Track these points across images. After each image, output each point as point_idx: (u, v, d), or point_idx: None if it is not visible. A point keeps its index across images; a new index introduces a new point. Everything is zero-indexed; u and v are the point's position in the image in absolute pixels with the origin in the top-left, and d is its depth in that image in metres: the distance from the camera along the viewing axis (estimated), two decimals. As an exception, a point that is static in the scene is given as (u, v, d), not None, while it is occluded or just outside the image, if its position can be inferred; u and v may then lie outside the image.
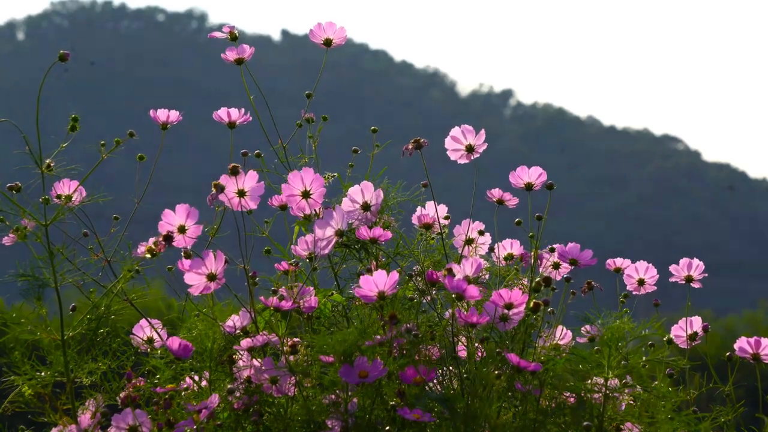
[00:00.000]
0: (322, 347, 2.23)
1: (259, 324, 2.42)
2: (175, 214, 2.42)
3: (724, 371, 2.49)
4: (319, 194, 2.43)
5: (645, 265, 2.58)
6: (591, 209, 65.68)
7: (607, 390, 2.30)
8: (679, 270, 2.57)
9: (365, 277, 2.29)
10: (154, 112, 2.58)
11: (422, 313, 2.41)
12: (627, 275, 2.57)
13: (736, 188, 69.25)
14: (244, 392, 2.30)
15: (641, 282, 2.56)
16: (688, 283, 2.57)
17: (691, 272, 2.57)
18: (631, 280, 2.56)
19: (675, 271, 2.57)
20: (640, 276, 2.57)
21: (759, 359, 2.48)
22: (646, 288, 2.56)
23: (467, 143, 2.51)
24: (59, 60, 2.37)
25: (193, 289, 2.37)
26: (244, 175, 2.41)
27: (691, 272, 2.57)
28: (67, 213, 2.43)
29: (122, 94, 70.68)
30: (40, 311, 2.41)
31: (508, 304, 2.30)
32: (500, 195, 2.56)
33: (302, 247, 2.45)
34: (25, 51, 76.51)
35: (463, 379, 2.30)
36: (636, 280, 2.57)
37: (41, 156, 2.38)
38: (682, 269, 2.57)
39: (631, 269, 2.57)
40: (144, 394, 2.35)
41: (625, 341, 2.30)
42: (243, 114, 2.56)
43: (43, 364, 2.43)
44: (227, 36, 2.59)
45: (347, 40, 2.69)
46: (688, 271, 2.57)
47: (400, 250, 2.54)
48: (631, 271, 2.57)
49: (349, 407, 2.23)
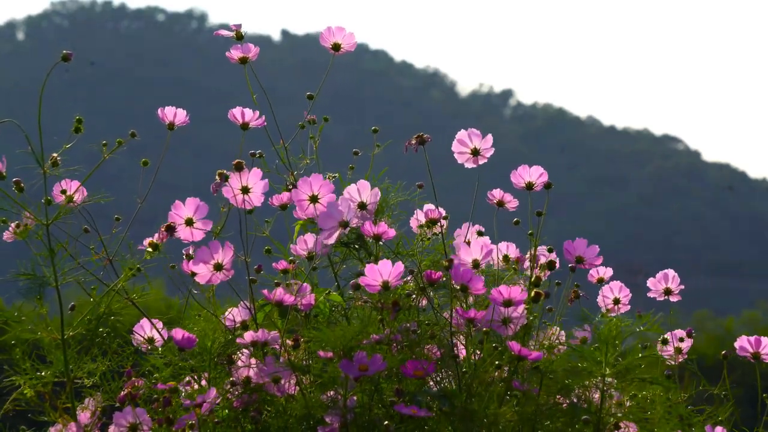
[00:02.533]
0: (322, 342, 2.24)
1: (258, 319, 2.43)
2: (184, 207, 2.45)
3: (721, 372, 2.50)
4: (327, 200, 2.44)
5: (619, 284, 2.55)
6: (591, 209, 65.63)
7: (604, 386, 2.30)
8: (656, 284, 2.56)
9: (370, 265, 2.30)
10: (162, 110, 2.58)
11: (422, 312, 2.42)
12: (603, 295, 2.55)
13: (736, 188, 69.22)
14: (243, 390, 2.30)
15: (617, 301, 2.55)
16: (667, 296, 2.56)
17: (668, 284, 2.56)
18: (606, 300, 2.55)
19: (653, 285, 2.56)
20: (615, 295, 2.55)
21: (759, 358, 2.48)
22: (621, 309, 2.54)
23: (473, 147, 2.51)
24: (62, 60, 2.37)
25: (199, 278, 2.39)
26: (248, 172, 2.44)
27: (668, 284, 2.56)
28: (68, 212, 2.43)
29: (122, 94, 70.64)
30: (41, 310, 2.41)
31: (508, 300, 2.29)
32: (501, 196, 2.56)
33: (302, 246, 2.45)
34: (25, 51, 76.47)
35: (461, 375, 2.30)
36: (612, 299, 2.55)
37: (43, 156, 2.39)
38: (660, 282, 2.56)
39: (606, 289, 2.55)
40: (143, 393, 2.36)
41: (621, 337, 2.30)
42: (257, 117, 2.54)
43: (44, 363, 2.44)
44: (233, 35, 2.59)
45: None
46: (666, 283, 2.56)
47: (400, 250, 2.54)
48: (606, 291, 2.55)
49: (348, 403, 2.23)
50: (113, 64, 74.79)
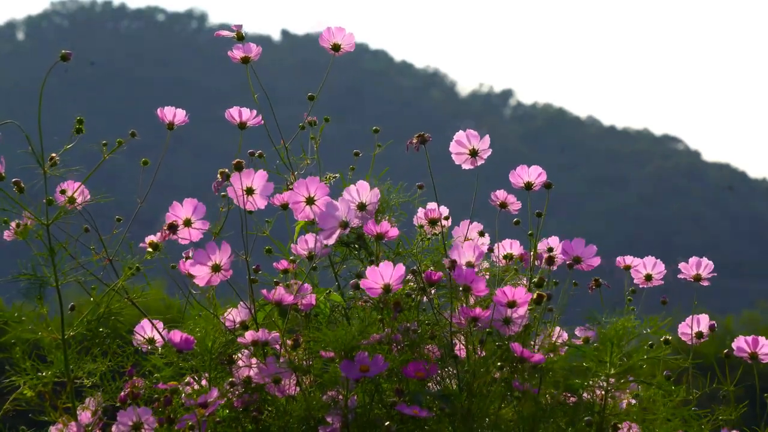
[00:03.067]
0: (324, 342, 2.24)
1: (258, 318, 2.43)
2: (182, 207, 2.46)
3: (721, 371, 2.50)
4: (324, 202, 2.44)
5: (653, 260, 2.58)
6: (591, 209, 65.62)
7: (608, 386, 2.30)
8: (688, 268, 2.58)
9: (371, 268, 2.30)
10: (162, 110, 2.58)
11: (422, 312, 2.42)
12: (635, 270, 2.57)
13: (736, 188, 69.21)
14: (244, 390, 2.30)
15: (648, 277, 2.57)
16: (696, 281, 2.57)
17: (699, 271, 2.58)
18: (638, 275, 2.57)
19: (684, 269, 2.57)
20: (647, 271, 2.58)
21: (757, 358, 2.48)
22: (653, 282, 2.57)
23: (471, 147, 2.51)
24: (61, 59, 2.37)
25: (198, 280, 2.39)
26: (254, 173, 2.44)
27: (699, 271, 2.58)
28: (68, 213, 2.43)
29: (122, 94, 70.63)
30: (41, 310, 2.41)
31: (512, 302, 2.29)
32: (504, 197, 2.56)
33: (302, 246, 2.45)
34: (25, 51, 76.45)
35: (462, 376, 2.30)
36: (644, 275, 2.57)
37: (43, 156, 2.39)
38: (692, 268, 2.58)
39: (639, 265, 2.58)
40: (144, 393, 2.36)
41: (627, 338, 2.30)
42: (254, 116, 2.55)
43: (44, 363, 2.44)
44: (234, 35, 2.59)
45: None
46: (697, 270, 2.58)
47: (401, 250, 2.54)
48: (640, 266, 2.58)
49: (349, 403, 2.23)
50: (113, 64, 74.79)
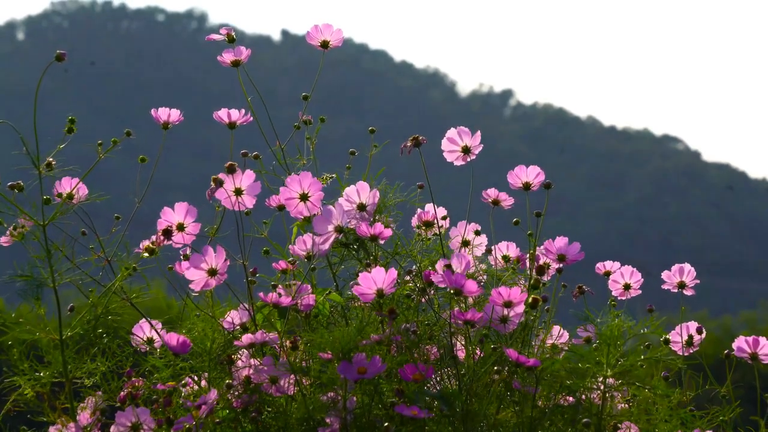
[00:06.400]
0: (321, 344, 2.24)
1: (258, 320, 2.42)
2: (174, 212, 2.44)
3: (720, 372, 2.49)
4: (317, 198, 2.43)
5: (630, 269, 2.55)
6: (590, 209, 65.65)
7: (605, 387, 2.30)
8: (671, 276, 2.56)
9: (364, 274, 2.30)
10: (156, 111, 2.58)
11: (421, 312, 2.42)
12: (612, 280, 2.55)
13: (736, 188, 69.24)
14: (243, 391, 2.30)
15: (627, 287, 2.55)
16: (680, 289, 2.55)
17: (683, 278, 2.56)
18: (616, 285, 2.55)
19: (667, 278, 2.56)
20: (625, 281, 2.55)
21: (757, 359, 2.47)
22: (631, 293, 2.54)
23: (463, 144, 2.50)
24: (56, 60, 2.37)
25: (194, 285, 2.38)
26: (242, 173, 2.43)
27: (683, 278, 2.56)
28: (65, 212, 2.42)
29: (122, 94, 70.66)
30: (39, 311, 2.41)
31: (508, 302, 2.29)
32: (496, 195, 2.55)
33: (300, 247, 2.45)
34: (25, 51, 76.50)
35: (461, 376, 2.30)
36: (621, 284, 2.55)
37: (39, 156, 2.38)
38: (674, 275, 2.56)
39: (617, 274, 2.55)
40: (143, 393, 2.36)
41: (623, 339, 2.29)
42: (243, 114, 2.55)
43: (42, 363, 2.44)
44: (225, 38, 2.58)
45: (346, 41, 2.68)
46: (681, 276, 2.56)
47: (399, 250, 2.54)
48: (617, 276, 2.55)
49: (348, 404, 2.23)
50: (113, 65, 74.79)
